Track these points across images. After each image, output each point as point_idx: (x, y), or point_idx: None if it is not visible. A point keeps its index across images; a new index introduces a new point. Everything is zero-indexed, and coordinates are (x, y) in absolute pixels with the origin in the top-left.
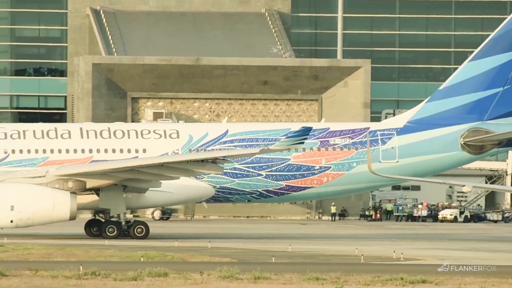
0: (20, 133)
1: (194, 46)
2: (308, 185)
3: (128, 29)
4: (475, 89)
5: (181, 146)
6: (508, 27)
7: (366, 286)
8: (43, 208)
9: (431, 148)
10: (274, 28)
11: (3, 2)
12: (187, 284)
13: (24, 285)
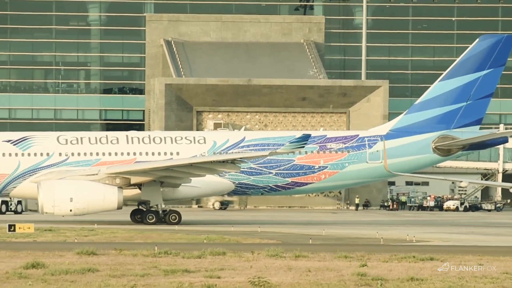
0: (78, 140)
1: (246, 70)
2: (309, 181)
3: (194, 56)
4: (444, 103)
5: (207, 149)
6: (470, 54)
7: (385, 263)
8: (96, 200)
9: (409, 151)
10: (311, 55)
11: (94, 35)
12: (241, 261)
13: (110, 262)
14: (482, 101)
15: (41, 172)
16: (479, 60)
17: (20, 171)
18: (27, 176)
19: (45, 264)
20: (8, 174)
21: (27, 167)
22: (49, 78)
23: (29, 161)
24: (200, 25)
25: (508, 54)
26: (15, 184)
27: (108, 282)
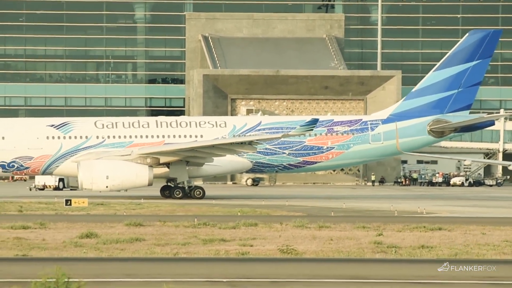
0: (113, 124)
1: (275, 62)
2: (318, 160)
3: (228, 49)
4: (438, 91)
5: (227, 132)
6: (461, 47)
7: (399, 232)
8: (129, 177)
9: (407, 133)
10: (332, 49)
11: (140, 31)
12: (271, 231)
13: (155, 232)
14: (472, 89)
15: (81, 153)
16: (469, 52)
17: (62, 152)
18: (68, 156)
19: (97, 234)
20: (51, 154)
21: (68, 148)
22: (100, 70)
23: (70, 143)
24: (234, 22)
25: (494, 47)
26: (57, 163)
27: (153, 250)
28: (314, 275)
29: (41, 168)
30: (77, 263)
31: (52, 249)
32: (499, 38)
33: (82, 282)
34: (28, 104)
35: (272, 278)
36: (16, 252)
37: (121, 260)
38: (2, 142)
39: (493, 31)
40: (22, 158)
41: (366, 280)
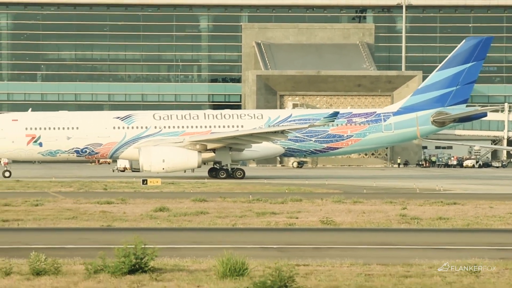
0: (168, 116)
1: (316, 64)
2: (340, 146)
3: (277, 54)
4: (440, 87)
5: (264, 123)
6: (459, 51)
7: (420, 206)
8: (181, 161)
9: (413, 123)
10: (364, 53)
11: (204, 39)
12: (314, 205)
13: (217, 206)
14: (468, 86)
15: (141, 141)
16: (465, 55)
17: (126, 139)
18: (131, 143)
19: (169, 208)
20: (117, 142)
21: (131, 137)
22: (171, 71)
23: (132, 132)
24: (282, 31)
25: (486, 51)
26: (122, 149)
27: (215, 221)
28: (349, 242)
29: (108, 153)
30: (152, 232)
31: (131, 220)
32: (490, 44)
33: (156, 248)
34: (111, 100)
35: (314, 245)
36: (102, 223)
37: (189, 229)
38: (76, 131)
39: (486, 38)
40: (93, 144)
41: (393, 246)
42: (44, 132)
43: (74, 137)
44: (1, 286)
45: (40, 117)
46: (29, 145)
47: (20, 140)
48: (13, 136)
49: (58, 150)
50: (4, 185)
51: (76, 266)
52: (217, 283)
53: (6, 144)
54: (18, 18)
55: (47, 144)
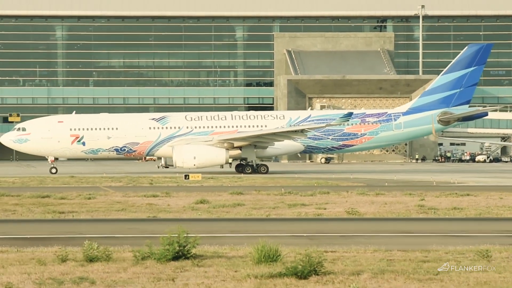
0: (199, 117)
1: (342, 69)
2: (354, 143)
3: (306, 60)
4: (445, 90)
5: (285, 123)
6: (462, 56)
7: (437, 198)
8: (210, 157)
9: (421, 122)
10: (385, 59)
11: (240, 47)
12: (340, 197)
13: (252, 199)
14: (470, 88)
15: (174, 140)
16: (468, 60)
17: (161, 139)
18: (165, 142)
19: (209, 201)
20: (153, 141)
21: (165, 136)
22: (210, 77)
23: (166, 132)
24: (310, 40)
25: (487, 56)
26: (157, 147)
27: (251, 212)
28: (372, 231)
29: (145, 151)
30: (193, 222)
31: (175, 212)
32: (490, 50)
33: (198, 237)
34: (155, 103)
35: (341, 233)
36: (148, 214)
37: (227, 220)
38: (116, 131)
39: (486, 45)
40: (131, 143)
41: (412, 234)
42: (87, 132)
43: (114, 136)
44: (58, 272)
45: (83, 118)
46: (73, 144)
47: (65, 140)
48: (59, 136)
49: (99, 149)
50: (60, 180)
51: (125, 253)
52: (253, 268)
53: (53, 143)
54: (72, 30)
55: (89, 143)
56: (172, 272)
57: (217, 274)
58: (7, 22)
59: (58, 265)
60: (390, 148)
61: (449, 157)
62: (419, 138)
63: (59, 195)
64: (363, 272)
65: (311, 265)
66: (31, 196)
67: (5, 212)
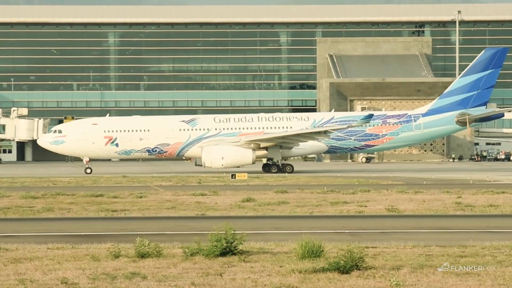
0: (227, 119)
1: (382, 72)
2: (376, 144)
3: (347, 64)
4: (463, 92)
5: (310, 124)
6: (479, 60)
7: (473, 195)
8: (238, 158)
9: (440, 123)
10: (423, 62)
11: (284, 52)
12: (380, 195)
13: (296, 197)
14: (487, 91)
15: (204, 141)
16: (485, 63)
17: (191, 140)
18: (195, 143)
19: (254, 199)
20: (183, 142)
21: (195, 137)
22: (255, 80)
23: (196, 134)
24: (351, 44)
25: (503, 60)
26: (187, 148)
27: (295, 210)
28: (411, 227)
29: (175, 152)
30: (240, 220)
31: (222, 210)
32: (506, 54)
33: (244, 234)
34: (203, 105)
35: (381, 230)
36: (197, 212)
37: (271, 217)
38: (147, 133)
39: (502, 49)
40: (162, 144)
41: (450, 230)
42: (120, 134)
43: (146, 138)
44: (111, 267)
45: (116, 121)
46: (107, 145)
47: (99, 141)
48: (93, 138)
49: (132, 150)
50: (113, 180)
51: (175, 249)
52: (297, 264)
53: (88, 145)
54: (124, 36)
55: (122, 144)
56: (220, 267)
57: (263, 269)
58: (62, 30)
59: (111, 261)
60: (428, 148)
61: (485, 156)
62: (439, 138)
63: (112, 194)
64: (402, 267)
65: (353, 260)
66: (85, 195)
67: (61, 210)
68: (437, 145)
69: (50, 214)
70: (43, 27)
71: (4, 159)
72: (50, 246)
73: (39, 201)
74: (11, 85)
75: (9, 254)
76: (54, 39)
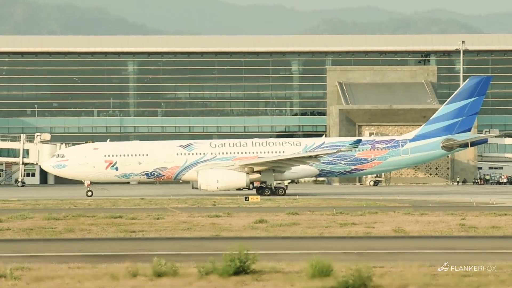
0: (222, 144)
1: (388, 99)
2: (365, 168)
3: (356, 91)
4: (448, 118)
5: (301, 149)
6: (464, 88)
7: (476, 217)
8: (232, 181)
9: (427, 148)
10: (429, 90)
11: (295, 80)
12: (387, 216)
13: (306, 218)
14: (471, 117)
15: (199, 165)
16: (469, 91)
17: (187, 164)
18: (191, 167)
19: (267, 220)
20: (180, 166)
21: (191, 161)
22: (268, 107)
23: (192, 158)
24: (360, 73)
25: (487, 88)
26: (184, 172)
27: (305, 231)
28: (417, 248)
29: (173, 175)
30: (253, 240)
31: (236, 231)
32: (490, 82)
33: (257, 254)
34: (218, 131)
35: (388, 250)
36: (211, 233)
37: (283, 238)
38: (146, 157)
39: (486, 77)
40: (160, 168)
41: (454, 250)
42: (120, 158)
43: (145, 162)
44: (129, 286)
45: (116, 146)
46: (107, 169)
47: (100, 165)
48: (94, 162)
49: (131, 173)
50: (132, 202)
51: (191, 269)
52: (308, 283)
53: (89, 168)
54: (143, 65)
55: (122, 168)
56: (233, 286)
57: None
58: (83, 58)
59: (129, 279)
60: (433, 172)
61: (487, 180)
62: (425, 162)
63: (130, 215)
64: (409, 286)
65: (361, 279)
66: (105, 217)
67: (81, 231)
68: (442, 169)
69: (71, 235)
70: (66, 56)
71: (27, 182)
72: (71, 266)
73: (61, 222)
74: (34, 112)
75: (32, 273)
76: (76, 67)
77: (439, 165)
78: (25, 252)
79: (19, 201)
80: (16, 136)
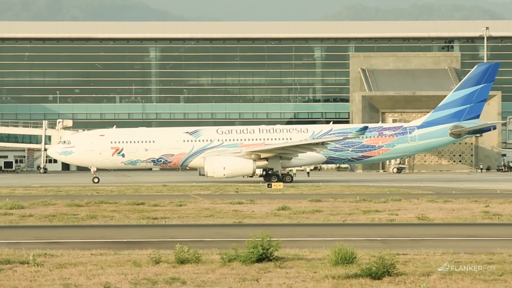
0: (229, 131)
1: (412, 86)
2: (373, 155)
3: (379, 78)
4: (456, 105)
5: (308, 136)
6: (472, 74)
7: (500, 204)
8: (239, 168)
9: (434, 135)
10: (452, 76)
11: (318, 66)
12: (411, 204)
13: (329, 205)
14: (480, 104)
15: (206, 152)
16: (477, 78)
17: (194, 151)
18: (198, 154)
19: (289, 207)
20: (186, 152)
21: (198, 148)
22: (290, 93)
23: (199, 145)
24: (383, 59)
25: (495, 75)
26: (191, 159)
27: (328, 218)
28: (441, 235)
29: (179, 162)
30: (276, 227)
31: (259, 218)
32: (498, 68)
33: (280, 241)
34: (241, 117)
35: (412, 237)
36: (234, 220)
37: (306, 225)
38: (153, 144)
39: (494, 64)
40: (166, 155)
41: (478, 238)
42: (126, 145)
43: (151, 149)
44: (152, 273)
45: (122, 132)
46: (113, 156)
47: (106, 152)
48: (101, 149)
49: (138, 160)
50: (154, 189)
51: (213, 255)
52: (331, 270)
53: (95, 155)
54: (165, 51)
55: (128, 155)
56: (256, 273)
57: (298, 275)
58: (106, 45)
59: (152, 266)
60: (457, 159)
61: (511, 167)
62: (433, 149)
63: (152, 202)
64: (432, 273)
65: (384, 267)
66: (127, 204)
67: (104, 218)
68: (465, 156)
69: (94, 222)
70: (88, 42)
71: (50, 169)
72: (94, 252)
73: (83, 209)
74: (56, 98)
75: (54, 260)
76: (98, 53)
77: (463, 152)
78: (47, 239)
79: (41, 188)
80: (38, 122)
